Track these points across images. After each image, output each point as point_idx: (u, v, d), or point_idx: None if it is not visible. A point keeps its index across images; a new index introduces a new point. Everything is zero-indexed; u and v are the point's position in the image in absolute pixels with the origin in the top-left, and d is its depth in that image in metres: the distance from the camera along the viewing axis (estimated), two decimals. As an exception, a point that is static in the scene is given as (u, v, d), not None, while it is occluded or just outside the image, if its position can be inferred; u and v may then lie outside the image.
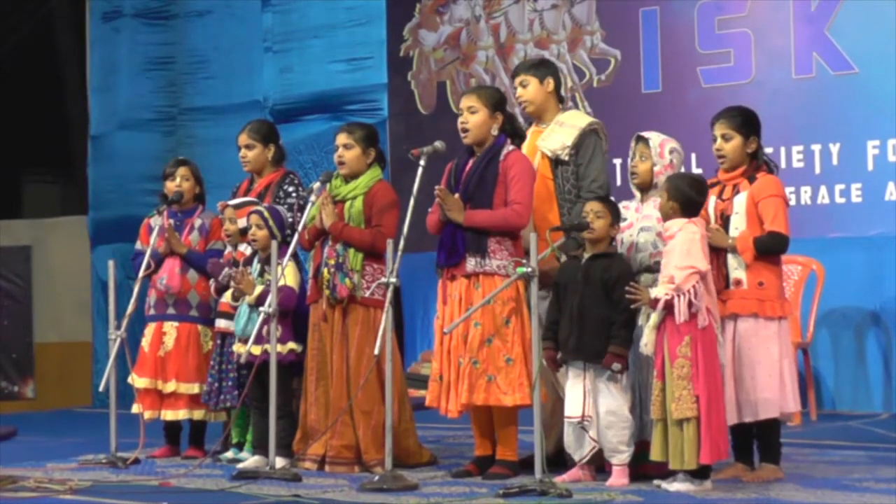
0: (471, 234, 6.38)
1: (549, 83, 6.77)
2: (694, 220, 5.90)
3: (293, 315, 6.95)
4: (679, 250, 5.81)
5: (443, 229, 6.47)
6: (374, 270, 6.72)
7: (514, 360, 6.30)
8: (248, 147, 7.51)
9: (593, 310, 6.05)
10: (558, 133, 6.68)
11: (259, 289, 6.87)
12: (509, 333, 6.32)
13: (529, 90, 6.78)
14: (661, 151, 6.29)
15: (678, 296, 5.74)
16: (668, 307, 5.78)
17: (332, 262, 6.74)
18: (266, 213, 7.01)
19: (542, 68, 6.82)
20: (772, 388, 6.03)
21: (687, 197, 5.92)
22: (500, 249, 6.38)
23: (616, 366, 5.98)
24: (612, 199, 6.34)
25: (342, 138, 6.89)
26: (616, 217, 6.16)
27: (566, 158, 6.62)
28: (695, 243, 5.83)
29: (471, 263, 6.38)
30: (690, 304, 5.75)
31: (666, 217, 5.95)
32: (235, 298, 7.09)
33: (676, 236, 5.85)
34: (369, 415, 6.68)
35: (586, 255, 6.16)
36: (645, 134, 6.38)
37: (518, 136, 6.63)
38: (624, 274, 6.03)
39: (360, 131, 6.92)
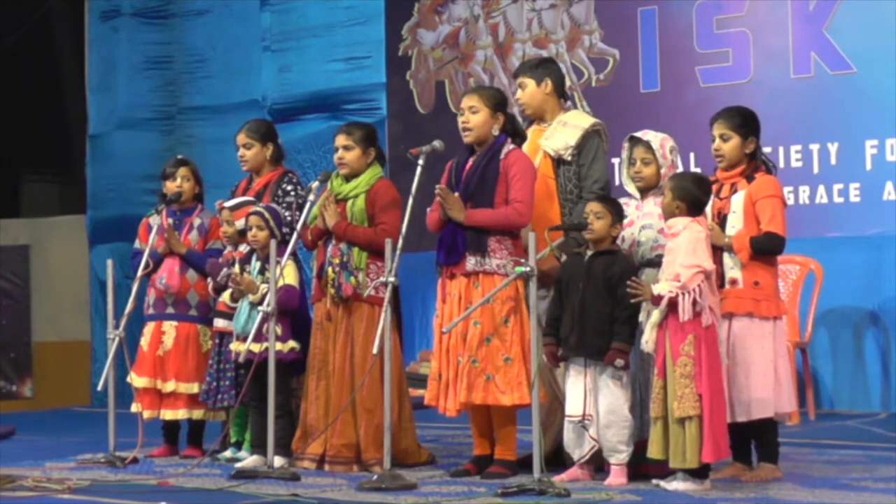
0: (471, 232, 6.38)
1: (547, 84, 6.76)
2: (698, 219, 5.90)
3: (293, 313, 6.95)
4: (685, 249, 5.81)
5: (443, 228, 6.48)
6: (378, 269, 6.72)
7: (513, 360, 6.30)
8: (246, 146, 7.50)
9: (595, 307, 6.05)
10: (561, 133, 6.68)
11: (263, 287, 6.86)
12: (508, 333, 6.32)
13: (526, 93, 6.79)
14: (663, 152, 6.29)
15: (683, 294, 5.75)
16: (672, 305, 5.78)
17: (336, 261, 6.75)
18: (266, 214, 7.01)
19: (539, 70, 6.81)
20: (766, 388, 6.03)
21: (694, 196, 5.93)
22: (500, 248, 6.38)
23: (619, 362, 5.98)
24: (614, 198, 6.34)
25: (341, 140, 6.89)
26: (618, 216, 6.15)
27: (569, 158, 6.62)
28: (700, 242, 5.83)
29: (470, 262, 6.38)
30: (695, 303, 5.75)
31: (670, 215, 5.95)
32: (235, 300, 7.09)
33: (681, 234, 5.84)
34: (372, 413, 6.68)
35: (589, 253, 6.16)
36: (641, 136, 6.36)
37: (518, 136, 6.62)
38: (626, 271, 6.03)
39: (358, 132, 6.92)
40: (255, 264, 7.06)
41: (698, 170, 8.48)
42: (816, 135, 9.19)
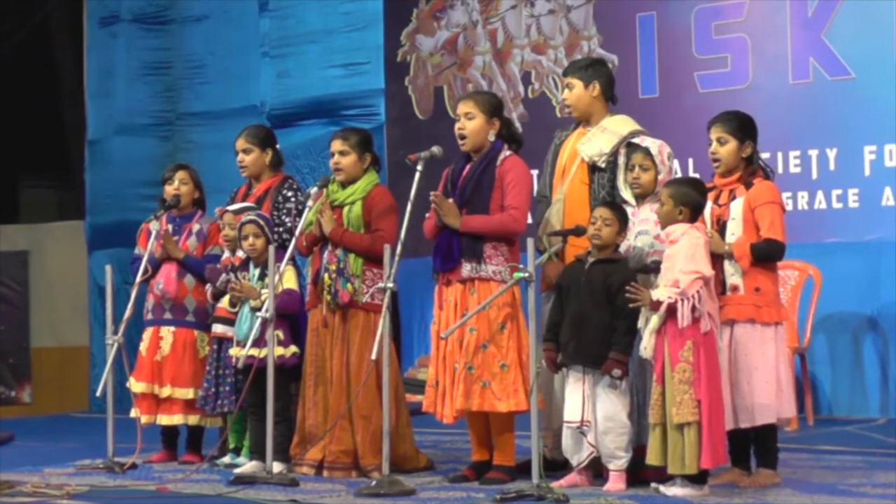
0: (466, 239, 6.38)
1: (595, 87, 6.63)
2: (696, 226, 5.91)
3: (294, 318, 6.96)
4: (684, 255, 5.81)
5: (439, 234, 6.48)
6: (374, 275, 6.72)
7: (509, 366, 6.30)
8: (245, 152, 7.49)
9: (594, 315, 6.05)
10: (599, 139, 6.57)
11: (264, 293, 6.85)
12: (504, 339, 6.32)
13: (573, 94, 6.65)
14: (661, 158, 6.29)
15: (682, 300, 5.75)
16: (671, 311, 5.78)
17: (332, 267, 6.74)
18: (261, 222, 7.00)
19: (588, 71, 6.67)
20: (768, 394, 6.03)
21: (695, 201, 5.94)
22: (496, 255, 6.39)
23: (616, 372, 5.98)
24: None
25: (337, 145, 6.88)
26: (624, 224, 6.15)
27: (603, 166, 6.52)
28: (699, 248, 5.83)
29: (466, 269, 6.38)
30: (694, 309, 5.75)
31: (669, 222, 5.94)
32: (233, 305, 7.08)
33: (680, 241, 5.85)
34: (368, 419, 6.68)
35: (590, 260, 6.15)
36: (640, 143, 6.36)
37: (515, 142, 6.61)
38: (627, 280, 6.00)
39: (354, 137, 6.92)
40: (254, 271, 7.06)
41: (697, 175, 8.48)
42: (815, 141, 9.19)
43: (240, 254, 7.20)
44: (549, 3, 10.41)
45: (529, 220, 6.53)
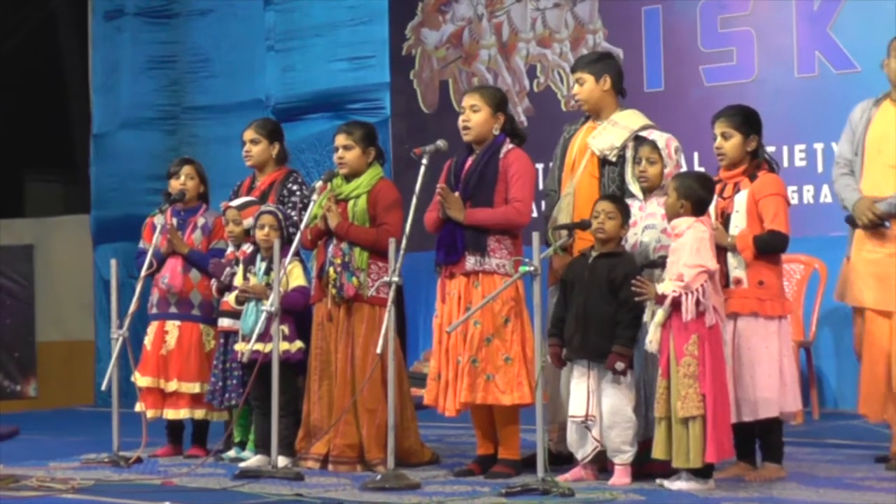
0: (470, 232, 6.38)
1: (606, 81, 6.62)
2: (702, 220, 5.90)
3: (299, 313, 6.95)
4: (689, 249, 5.81)
5: (441, 227, 6.48)
6: (380, 269, 6.72)
7: (513, 360, 6.30)
8: (253, 142, 7.52)
9: (599, 309, 6.05)
10: (609, 133, 6.56)
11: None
12: (508, 333, 6.32)
13: (585, 88, 6.64)
14: (668, 152, 6.28)
15: (686, 294, 5.74)
16: (676, 305, 5.77)
17: (337, 261, 6.74)
18: (280, 215, 7.01)
19: (598, 65, 6.66)
20: (771, 388, 6.03)
21: (698, 195, 5.93)
22: (500, 248, 6.39)
23: (619, 365, 5.98)
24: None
25: (341, 139, 6.88)
26: (626, 217, 6.15)
27: (613, 159, 6.52)
28: (704, 242, 5.83)
29: (470, 262, 6.38)
30: (698, 303, 5.75)
31: (674, 215, 5.94)
32: (240, 303, 7.07)
33: (685, 234, 5.84)
34: (374, 413, 6.68)
35: (594, 254, 6.15)
36: (647, 136, 6.36)
37: (517, 137, 6.61)
38: (631, 273, 6.00)
39: (358, 131, 6.92)
40: (261, 265, 7.05)
41: (702, 169, 8.47)
42: (820, 134, 9.17)
43: (245, 248, 7.21)
44: (555, -4, 10.41)
45: (534, 214, 6.53)
